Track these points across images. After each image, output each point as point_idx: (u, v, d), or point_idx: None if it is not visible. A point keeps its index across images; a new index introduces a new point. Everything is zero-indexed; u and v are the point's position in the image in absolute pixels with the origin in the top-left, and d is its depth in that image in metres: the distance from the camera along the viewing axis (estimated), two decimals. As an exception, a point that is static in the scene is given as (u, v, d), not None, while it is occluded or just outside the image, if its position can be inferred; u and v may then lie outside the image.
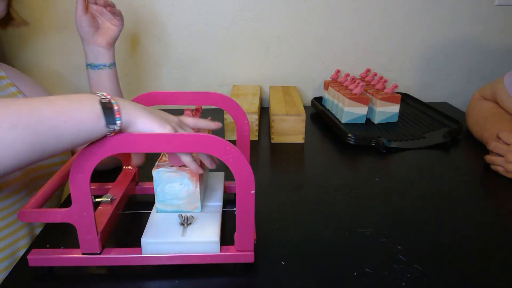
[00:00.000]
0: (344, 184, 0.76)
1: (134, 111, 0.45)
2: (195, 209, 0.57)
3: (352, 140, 0.92)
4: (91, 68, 0.79)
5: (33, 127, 0.39)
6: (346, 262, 0.54)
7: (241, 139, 0.65)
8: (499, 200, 0.72)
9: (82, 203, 0.47)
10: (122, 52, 1.18)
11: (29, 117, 0.39)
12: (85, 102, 0.42)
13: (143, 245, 0.50)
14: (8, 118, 0.38)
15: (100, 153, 0.45)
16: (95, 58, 0.79)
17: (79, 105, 0.42)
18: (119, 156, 0.69)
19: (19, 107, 0.39)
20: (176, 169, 0.55)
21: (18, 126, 0.38)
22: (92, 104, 0.42)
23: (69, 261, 0.51)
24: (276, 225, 0.62)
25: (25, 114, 0.39)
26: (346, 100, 1.00)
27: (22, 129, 0.38)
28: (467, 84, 1.31)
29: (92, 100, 0.43)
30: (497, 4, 1.20)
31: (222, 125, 0.70)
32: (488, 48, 1.27)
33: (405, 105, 1.18)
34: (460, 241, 0.59)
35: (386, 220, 0.64)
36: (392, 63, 1.26)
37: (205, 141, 0.45)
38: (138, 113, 0.45)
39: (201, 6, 1.15)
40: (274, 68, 1.24)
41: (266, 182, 0.77)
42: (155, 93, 0.62)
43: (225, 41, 1.19)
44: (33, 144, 0.39)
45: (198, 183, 0.55)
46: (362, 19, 1.19)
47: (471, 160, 0.89)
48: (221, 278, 0.52)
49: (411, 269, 0.53)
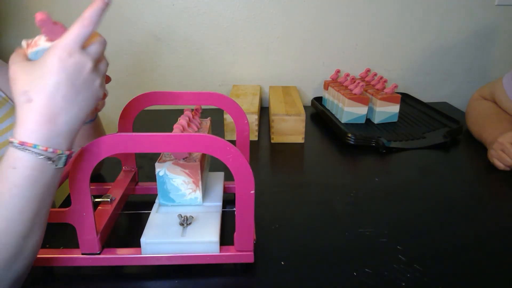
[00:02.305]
0: (344, 184, 0.75)
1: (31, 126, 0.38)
2: (197, 203, 0.57)
3: (352, 140, 0.92)
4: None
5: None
6: (346, 262, 0.54)
7: (241, 139, 0.65)
8: (499, 200, 0.72)
9: (81, 203, 0.47)
10: (122, 52, 1.18)
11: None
12: (14, 165, 0.38)
13: (143, 245, 0.50)
14: None
15: (100, 153, 0.45)
16: None
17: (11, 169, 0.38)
18: (119, 156, 0.69)
19: None
20: (178, 162, 0.55)
21: None
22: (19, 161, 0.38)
23: (69, 261, 0.51)
24: (276, 225, 0.62)
25: None
26: (346, 100, 1.00)
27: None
28: (467, 84, 1.31)
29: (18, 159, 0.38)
30: (497, 4, 1.20)
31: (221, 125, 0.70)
32: (488, 48, 1.27)
33: (405, 105, 1.17)
34: (460, 241, 0.59)
35: (386, 220, 0.64)
36: (392, 63, 1.26)
37: (205, 141, 0.45)
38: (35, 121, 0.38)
39: (201, 6, 1.15)
40: (274, 68, 1.24)
41: (266, 182, 0.77)
42: (155, 93, 0.62)
43: (225, 41, 1.19)
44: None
45: (200, 177, 0.55)
46: (362, 19, 1.19)
47: (471, 160, 0.89)
48: (220, 278, 0.51)
49: (411, 269, 0.52)
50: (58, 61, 0.38)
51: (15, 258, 0.41)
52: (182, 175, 0.56)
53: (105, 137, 0.45)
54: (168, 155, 0.57)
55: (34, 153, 0.37)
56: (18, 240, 0.40)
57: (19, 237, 0.40)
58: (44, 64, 0.39)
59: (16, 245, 0.40)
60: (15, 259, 0.41)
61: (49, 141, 0.38)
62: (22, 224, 0.39)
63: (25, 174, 0.38)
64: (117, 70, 1.19)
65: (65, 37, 0.39)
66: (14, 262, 0.41)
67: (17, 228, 0.39)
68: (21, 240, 0.40)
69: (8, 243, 0.39)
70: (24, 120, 0.38)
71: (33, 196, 0.39)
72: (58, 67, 0.38)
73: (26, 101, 0.38)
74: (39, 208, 0.41)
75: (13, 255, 0.40)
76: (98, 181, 0.72)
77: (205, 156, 0.62)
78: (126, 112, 0.63)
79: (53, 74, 0.38)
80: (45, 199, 0.41)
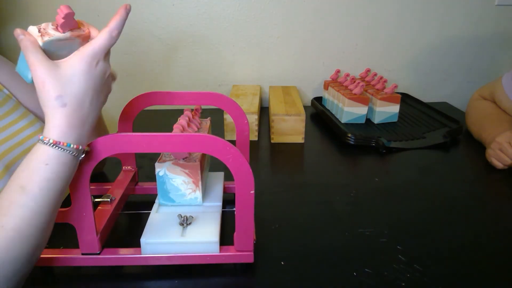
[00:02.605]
0: (344, 184, 0.75)
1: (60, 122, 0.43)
2: (197, 203, 0.57)
3: (352, 140, 0.92)
4: None
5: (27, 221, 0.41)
6: (346, 262, 0.54)
7: (241, 139, 0.65)
8: (499, 200, 0.72)
9: (81, 203, 0.47)
10: (122, 52, 1.18)
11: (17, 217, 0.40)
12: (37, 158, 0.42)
13: (143, 245, 0.50)
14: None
15: (100, 153, 0.45)
16: None
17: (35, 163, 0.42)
18: (119, 156, 0.69)
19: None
20: (178, 162, 0.55)
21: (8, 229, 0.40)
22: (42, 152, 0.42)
23: (69, 261, 0.51)
24: (276, 225, 0.62)
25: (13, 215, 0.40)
26: (346, 100, 1.00)
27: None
28: (467, 84, 1.31)
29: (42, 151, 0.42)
30: (497, 4, 1.20)
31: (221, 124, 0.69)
32: (488, 48, 1.27)
33: (405, 105, 1.17)
34: (459, 241, 0.59)
35: (386, 220, 0.64)
36: (392, 63, 1.26)
37: (205, 141, 0.45)
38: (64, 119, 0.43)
39: (201, 6, 1.15)
40: (274, 68, 1.24)
41: (266, 182, 0.77)
42: (155, 93, 0.62)
43: (225, 41, 1.19)
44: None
45: (200, 177, 0.55)
46: (362, 19, 1.19)
47: (471, 160, 0.89)
48: (220, 278, 0.51)
49: (411, 269, 0.52)
50: (88, 69, 0.43)
51: (36, 250, 0.43)
52: (182, 175, 0.56)
53: (105, 137, 0.45)
54: (168, 155, 0.57)
55: (66, 151, 0.42)
56: (40, 233, 0.42)
57: (41, 229, 0.42)
58: (73, 70, 0.43)
59: (38, 237, 0.42)
60: (35, 252, 0.43)
61: (79, 140, 0.43)
62: (46, 217, 0.42)
63: (56, 169, 0.42)
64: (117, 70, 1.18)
65: (94, 44, 0.44)
66: (33, 255, 0.43)
67: (41, 220, 0.42)
68: (42, 232, 0.43)
69: (32, 235, 0.42)
70: (58, 122, 0.42)
71: (60, 190, 0.43)
72: (87, 75, 0.43)
73: (60, 106, 0.42)
74: (60, 202, 0.45)
75: (35, 247, 0.43)
76: (98, 180, 0.72)
77: (205, 156, 0.62)
78: (126, 112, 0.63)
79: (84, 81, 0.43)
80: (64, 194, 0.45)
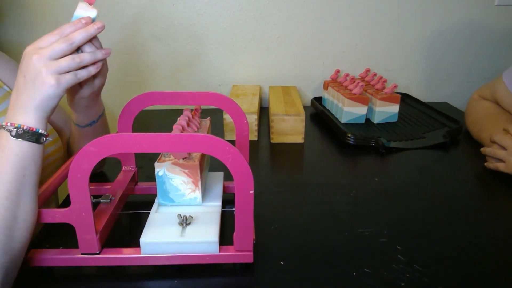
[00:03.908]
0: (344, 184, 0.75)
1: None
2: (196, 203, 0.57)
3: (352, 140, 0.92)
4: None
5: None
6: (345, 262, 0.54)
7: (241, 139, 0.65)
8: (499, 200, 0.72)
9: (81, 203, 0.47)
10: (122, 52, 1.18)
11: None
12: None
13: (142, 245, 0.50)
14: None
15: (99, 153, 0.45)
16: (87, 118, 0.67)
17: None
18: (119, 156, 0.69)
19: None
20: (178, 162, 0.55)
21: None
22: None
23: (68, 261, 0.51)
24: (276, 225, 0.62)
25: None
26: (345, 100, 1.00)
27: None
28: (467, 84, 1.31)
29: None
30: (497, 4, 1.20)
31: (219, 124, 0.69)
32: (488, 48, 1.27)
33: (405, 105, 1.17)
34: (459, 241, 0.59)
35: (386, 220, 0.64)
36: (392, 63, 1.26)
37: (204, 141, 0.45)
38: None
39: (201, 6, 1.15)
40: (274, 68, 1.24)
41: (265, 182, 0.76)
42: (155, 93, 0.62)
43: (225, 41, 1.19)
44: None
45: (199, 177, 0.55)
46: (362, 19, 1.19)
47: (471, 160, 0.89)
48: (220, 278, 0.51)
49: (411, 269, 0.52)
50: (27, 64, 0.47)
51: (10, 224, 0.46)
52: (182, 175, 0.56)
53: (105, 137, 0.45)
54: (167, 155, 0.57)
55: (5, 129, 0.47)
56: (4, 202, 0.45)
57: (4, 198, 0.45)
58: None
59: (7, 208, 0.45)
60: (10, 225, 0.45)
61: (14, 119, 0.48)
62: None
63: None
64: (117, 70, 1.19)
65: (48, 47, 0.47)
66: (11, 229, 0.46)
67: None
68: (8, 202, 0.46)
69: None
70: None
71: (10, 174, 0.46)
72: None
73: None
74: (25, 186, 0.47)
75: (8, 219, 0.45)
76: (98, 180, 0.72)
77: (205, 156, 0.62)
78: (126, 112, 0.63)
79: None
80: (20, 172, 0.47)
